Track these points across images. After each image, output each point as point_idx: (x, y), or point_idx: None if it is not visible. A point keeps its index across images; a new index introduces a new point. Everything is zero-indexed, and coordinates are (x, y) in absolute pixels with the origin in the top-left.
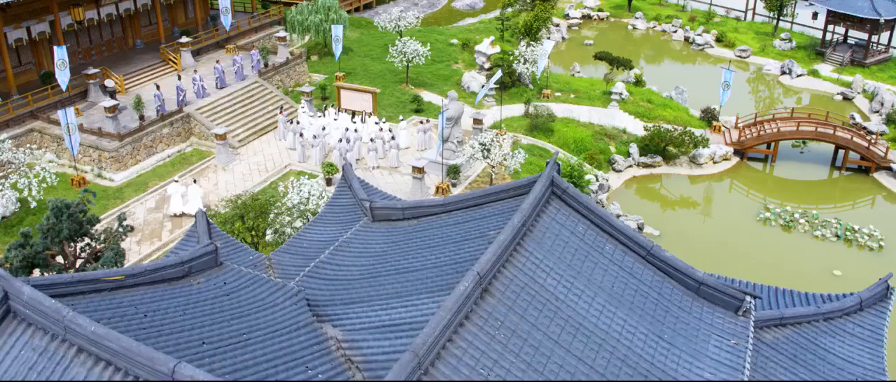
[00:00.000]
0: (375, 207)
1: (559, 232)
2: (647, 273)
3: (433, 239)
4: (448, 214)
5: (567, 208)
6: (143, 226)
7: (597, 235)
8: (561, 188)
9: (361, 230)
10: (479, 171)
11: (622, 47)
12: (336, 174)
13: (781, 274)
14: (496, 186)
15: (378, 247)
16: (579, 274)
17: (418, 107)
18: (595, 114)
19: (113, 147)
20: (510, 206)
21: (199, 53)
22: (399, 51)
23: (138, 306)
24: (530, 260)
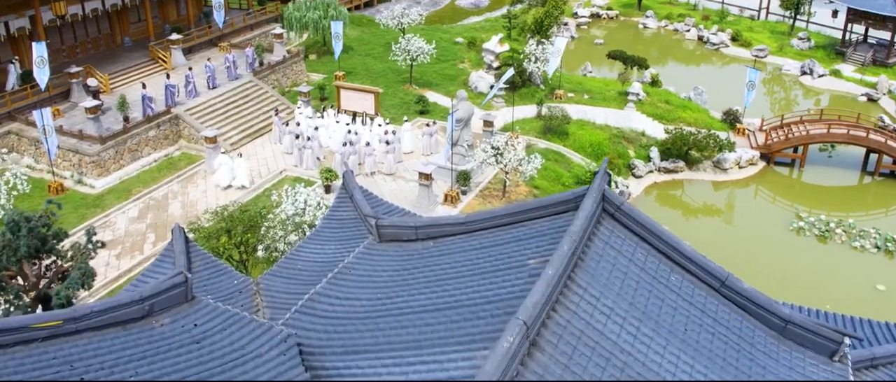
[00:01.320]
0: (383, 225)
1: (615, 260)
2: (723, 310)
3: (457, 268)
4: (473, 235)
5: (622, 230)
6: (123, 238)
7: (659, 263)
8: (614, 204)
9: (366, 252)
10: (491, 177)
11: (633, 47)
12: (336, 180)
13: (821, 289)
14: (531, 202)
15: (387, 276)
16: (645, 315)
17: (423, 109)
18: (611, 116)
19: (94, 151)
20: (551, 227)
21: (190, 51)
22: (402, 48)
23: (76, 363)
24: (585, 299)
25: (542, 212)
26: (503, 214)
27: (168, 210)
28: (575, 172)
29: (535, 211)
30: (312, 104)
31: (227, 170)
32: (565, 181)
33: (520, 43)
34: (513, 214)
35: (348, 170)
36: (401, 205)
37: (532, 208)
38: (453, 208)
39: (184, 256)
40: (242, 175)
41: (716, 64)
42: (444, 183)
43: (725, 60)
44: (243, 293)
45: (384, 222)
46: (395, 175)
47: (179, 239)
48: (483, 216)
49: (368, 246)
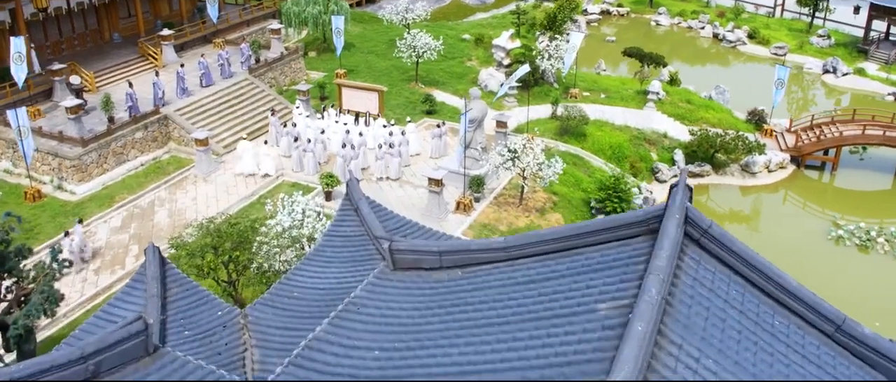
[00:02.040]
0: (399, 250)
1: (709, 303)
2: (841, 363)
3: (498, 311)
4: (515, 265)
5: (711, 260)
6: (104, 250)
7: (759, 303)
8: (700, 227)
9: (378, 284)
10: (506, 183)
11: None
12: (337, 186)
13: (869, 303)
14: (590, 224)
15: (405, 317)
16: (754, 377)
17: (430, 108)
18: (630, 116)
19: (75, 154)
20: (618, 258)
21: (183, 48)
22: (408, 44)
23: None
24: (682, 361)
25: (606, 237)
26: (555, 238)
27: (154, 219)
28: (596, 177)
29: (595, 235)
30: (312, 104)
31: (250, 157)
32: (586, 186)
33: (528, 40)
34: (567, 239)
35: (353, 177)
36: (411, 216)
37: (591, 231)
38: (466, 216)
39: (157, 283)
40: (268, 163)
41: (733, 62)
42: (455, 189)
43: (743, 58)
44: (228, 327)
45: (400, 246)
46: (401, 180)
47: (153, 262)
48: (528, 239)
49: (380, 275)
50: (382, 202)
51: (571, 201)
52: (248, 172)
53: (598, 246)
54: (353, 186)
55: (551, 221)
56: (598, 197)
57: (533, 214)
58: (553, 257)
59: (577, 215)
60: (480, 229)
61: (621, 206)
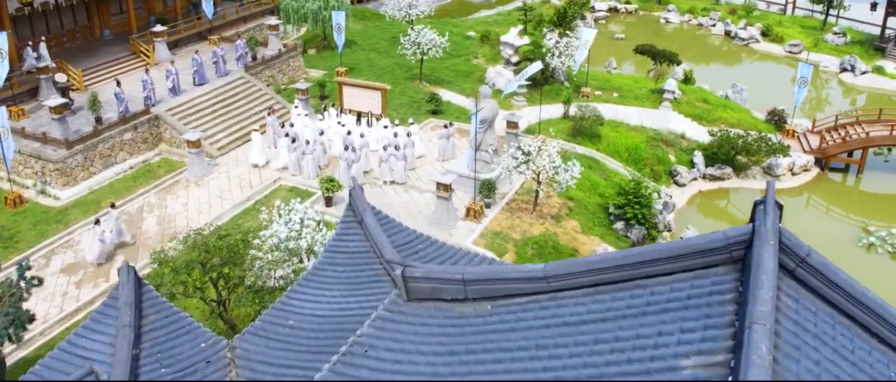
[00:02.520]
0: (414, 277)
1: (819, 355)
2: None
3: (542, 360)
4: (559, 299)
5: (810, 296)
6: (87, 261)
7: (870, 349)
8: (796, 255)
9: (390, 318)
10: (518, 187)
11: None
12: (338, 191)
13: None
14: (648, 250)
15: (422, 363)
16: None
17: (436, 108)
18: (646, 117)
19: (58, 156)
20: (695, 293)
21: (177, 45)
22: (412, 41)
23: None
24: None
25: (674, 267)
26: (608, 267)
27: (142, 226)
28: (614, 180)
29: (660, 264)
30: (311, 103)
31: (259, 150)
32: (603, 191)
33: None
34: (624, 268)
35: (356, 185)
36: (417, 224)
37: (656, 259)
38: (477, 224)
39: (131, 310)
40: (284, 155)
41: (747, 60)
42: (464, 194)
43: (756, 56)
44: (213, 363)
45: (416, 273)
46: (406, 184)
47: (127, 285)
48: (574, 268)
49: (392, 307)
50: (387, 208)
51: (588, 207)
52: (261, 163)
53: (664, 277)
54: (356, 195)
55: (567, 229)
56: (618, 203)
57: (548, 221)
58: (607, 291)
59: (594, 221)
60: (492, 237)
61: (642, 213)
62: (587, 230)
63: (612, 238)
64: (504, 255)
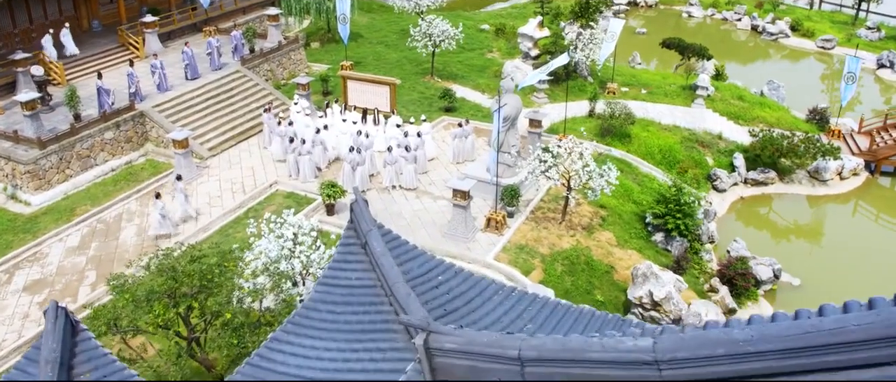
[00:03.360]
0: (442, 350)
1: None
2: None
3: None
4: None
5: None
6: (54, 276)
7: None
8: None
9: None
10: (544, 194)
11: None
12: (341, 198)
13: None
14: (841, 325)
15: None
16: None
17: (449, 105)
18: (678, 115)
19: (30, 157)
20: None
21: (170, 37)
22: (423, 32)
23: None
24: None
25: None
26: (769, 349)
27: (119, 236)
28: (648, 186)
29: (860, 349)
30: (313, 100)
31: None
32: (637, 198)
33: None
34: (800, 353)
35: (359, 197)
36: (430, 235)
37: (852, 342)
38: (499, 236)
39: (55, 369)
40: (279, 155)
41: (776, 56)
42: (483, 201)
43: (786, 52)
44: None
45: (446, 343)
46: (417, 190)
47: (55, 333)
48: (705, 346)
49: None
50: (396, 217)
51: (622, 216)
52: (278, 158)
53: (862, 370)
54: (359, 211)
55: (601, 242)
56: (657, 212)
57: (579, 233)
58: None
59: (630, 233)
60: (516, 252)
61: (685, 223)
62: (623, 243)
63: (651, 252)
64: (530, 273)
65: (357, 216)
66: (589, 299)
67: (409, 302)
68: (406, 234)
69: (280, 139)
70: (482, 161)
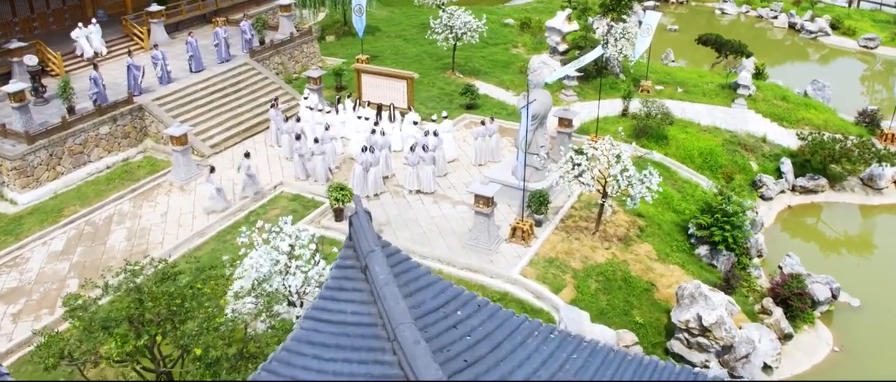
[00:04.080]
0: None
1: None
2: None
3: None
4: None
5: None
6: (33, 285)
7: None
8: None
9: None
10: (575, 200)
11: None
12: (350, 202)
13: None
14: None
15: None
16: None
17: (471, 102)
18: (718, 116)
19: (17, 153)
20: None
21: (177, 28)
22: (444, 24)
23: None
24: None
25: None
26: None
27: (107, 241)
28: (689, 193)
29: None
30: (325, 95)
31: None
32: (677, 206)
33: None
34: None
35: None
36: (449, 245)
37: None
38: (525, 247)
39: None
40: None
41: (815, 55)
42: (508, 207)
43: (826, 51)
44: None
45: None
46: (435, 194)
47: None
48: None
49: None
50: (411, 224)
51: (662, 226)
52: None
53: None
54: (360, 227)
55: (640, 255)
56: (702, 223)
57: (614, 245)
58: None
59: (671, 245)
60: (545, 266)
61: (733, 235)
62: (664, 257)
63: (694, 267)
64: (561, 290)
65: (357, 232)
66: (626, 321)
67: (417, 354)
68: (422, 244)
69: (288, 136)
70: (507, 163)
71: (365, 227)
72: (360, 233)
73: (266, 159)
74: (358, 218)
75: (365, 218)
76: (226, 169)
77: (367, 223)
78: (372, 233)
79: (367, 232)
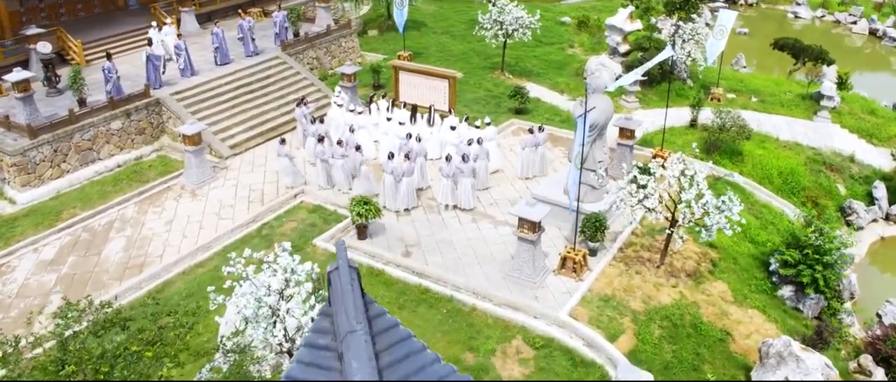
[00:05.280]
0: None
1: None
2: None
3: None
4: None
5: None
6: (14, 298)
7: None
8: None
9: None
10: (637, 224)
11: None
12: (376, 218)
13: None
14: None
15: None
16: None
17: (520, 106)
18: (799, 130)
19: (17, 147)
20: None
21: (210, 18)
22: (493, 19)
23: None
24: None
25: None
26: None
27: (102, 251)
28: (768, 220)
29: None
30: (360, 94)
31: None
32: (757, 237)
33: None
34: None
35: (343, 262)
36: (488, 273)
37: None
38: (577, 280)
39: None
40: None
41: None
42: (557, 230)
43: None
44: None
45: None
46: (474, 211)
47: None
48: None
49: None
50: (445, 246)
51: (738, 260)
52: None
53: None
54: (338, 292)
55: (713, 296)
56: (787, 259)
57: (682, 282)
58: None
59: (750, 284)
60: (600, 306)
61: (825, 275)
62: (741, 298)
63: (777, 312)
64: (618, 338)
65: (336, 300)
66: (697, 377)
67: None
68: (455, 271)
69: (313, 139)
70: (558, 178)
71: (347, 292)
72: (340, 302)
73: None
74: (338, 278)
75: (349, 276)
76: (242, 172)
77: (350, 284)
78: (356, 303)
79: (351, 300)
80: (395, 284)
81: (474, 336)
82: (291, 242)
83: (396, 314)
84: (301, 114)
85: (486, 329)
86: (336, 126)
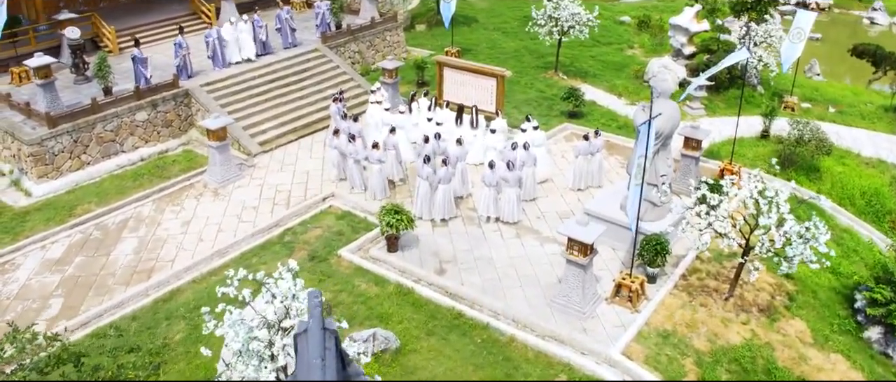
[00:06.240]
0: None
1: None
2: None
3: None
4: None
5: None
6: (13, 300)
7: None
8: None
9: None
10: (705, 247)
11: None
12: (409, 230)
13: None
14: None
15: None
16: None
17: (574, 109)
18: (882, 145)
19: (35, 137)
20: None
21: (250, 7)
22: (547, 15)
23: None
24: None
25: None
26: None
27: (111, 253)
28: (851, 247)
29: None
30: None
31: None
32: (838, 268)
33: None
34: None
35: (314, 325)
36: (531, 298)
37: None
38: (633, 312)
39: None
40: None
41: None
42: (612, 251)
43: None
44: None
45: None
46: (519, 225)
47: None
48: None
49: None
50: (484, 265)
51: (817, 293)
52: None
53: None
54: (306, 362)
55: (789, 335)
56: (877, 297)
57: (754, 318)
58: None
59: (831, 324)
60: (659, 342)
61: None
62: (822, 340)
63: (863, 356)
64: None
65: (300, 368)
66: None
67: None
68: (494, 294)
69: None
70: (614, 191)
71: (314, 368)
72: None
73: (321, 164)
74: (307, 343)
75: (322, 341)
76: (271, 171)
77: (321, 351)
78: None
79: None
80: (425, 305)
81: (511, 372)
82: (315, 252)
83: (424, 341)
84: (335, 111)
85: (526, 364)
86: (374, 125)
